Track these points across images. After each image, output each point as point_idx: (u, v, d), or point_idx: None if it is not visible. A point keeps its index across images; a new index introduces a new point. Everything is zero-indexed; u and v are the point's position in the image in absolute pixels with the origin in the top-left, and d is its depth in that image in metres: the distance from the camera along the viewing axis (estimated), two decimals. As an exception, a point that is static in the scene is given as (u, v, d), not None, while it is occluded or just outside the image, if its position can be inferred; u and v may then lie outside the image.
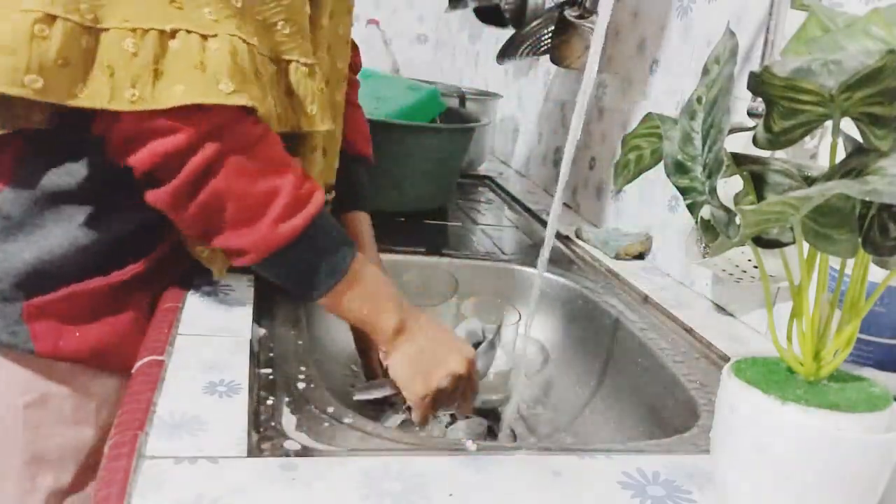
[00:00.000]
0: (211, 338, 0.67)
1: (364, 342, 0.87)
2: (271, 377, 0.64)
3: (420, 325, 0.72)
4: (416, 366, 0.71)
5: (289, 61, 0.69)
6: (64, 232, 0.69)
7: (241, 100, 0.61)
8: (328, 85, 0.80)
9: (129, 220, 0.71)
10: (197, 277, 0.79)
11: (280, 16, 0.66)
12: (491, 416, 0.87)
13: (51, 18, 0.57)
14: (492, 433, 0.85)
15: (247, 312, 0.73)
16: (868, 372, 0.66)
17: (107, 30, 0.59)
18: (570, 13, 1.26)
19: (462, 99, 1.60)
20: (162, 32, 0.59)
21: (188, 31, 0.59)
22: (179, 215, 0.65)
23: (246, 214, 0.64)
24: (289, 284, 0.70)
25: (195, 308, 0.72)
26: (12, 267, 0.68)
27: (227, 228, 0.64)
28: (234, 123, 0.62)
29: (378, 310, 0.71)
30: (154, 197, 0.64)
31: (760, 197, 0.47)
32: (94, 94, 0.59)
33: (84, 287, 0.70)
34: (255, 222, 0.64)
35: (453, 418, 0.85)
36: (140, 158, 0.61)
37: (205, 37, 0.60)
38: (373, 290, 0.71)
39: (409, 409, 0.74)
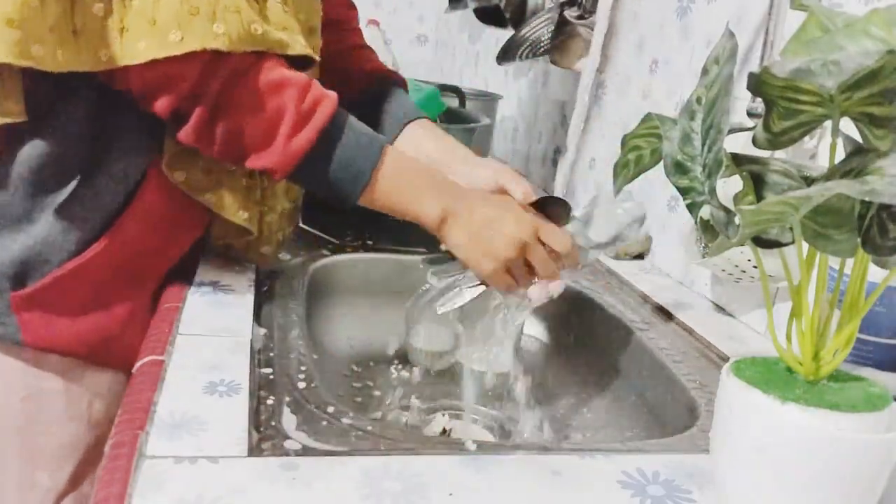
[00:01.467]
0: (211, 338, 0.67)
1: None
2: (271, 377, 0.64)
3: (467, 204, 0.73)
4: (474, 245, 0.72)
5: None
6: (46, 216, 0.69)
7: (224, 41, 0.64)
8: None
9: (104, 193, 0.71)
10: (197, 277, 0.79)
11: None
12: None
13: None
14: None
15: (247, 312, 0.73)
16: (867, 372, 0.66)
17: None
18: (569, 13, 1.26)
19: (462, 99, 1.60)
20: None
21: None
22: (209, 149, 0.69)
23: (261, 137, 0.67)
24: (324, 194, 0.72)
25: (195, 308, 0.72)
26: (3, 257, 0.68)
27: (251, 152, 0.68)
28: (227, 59, 0.65)
29: (417, 201, 0.72)
30: (183, 135, 0.68)
31: (760, 197, 0.47)
32: (123, 53, 0.63)
33: (69, 269, 0.70)
34: (270, 143, 0.68)
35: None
36: (161, 105, 0.66)
37: None
38: (407, 183, 0.73)
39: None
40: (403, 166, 0.73)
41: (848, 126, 0.43)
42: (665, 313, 0.92)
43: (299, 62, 0.71)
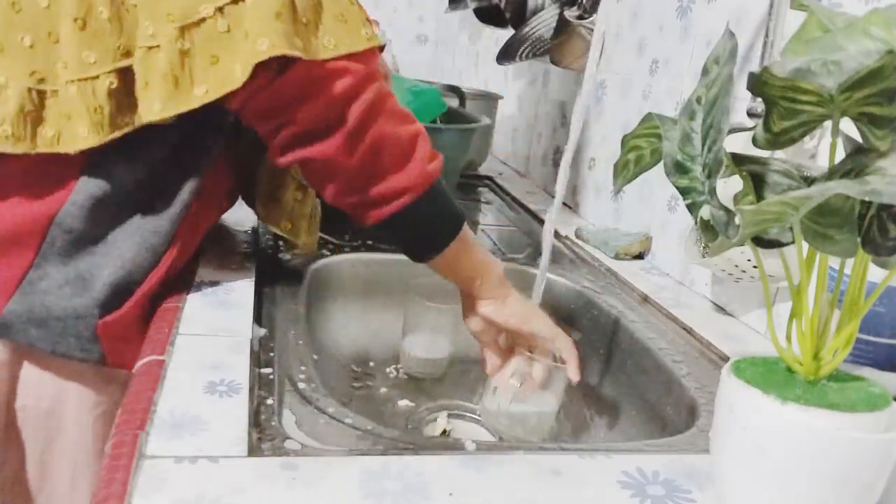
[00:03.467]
0: (211, 338, 0.67)
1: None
2: (271, 377, 0.64)
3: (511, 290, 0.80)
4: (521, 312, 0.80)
5: None
6: (130, 237, 0.69)
7: (377, 41, 0.66)
8: None
9: (174, 206, 0.72)
10: (197, 277, 0.79)
11: None
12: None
13: None
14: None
15: (247, 312, 0.73)
16: (867, 372, 0.66)
17: None
18: (570, 13, 1.26)
19: (462, 99, 1.60)
20: None
21: None
22: (346, 162, 0.66)
23: (401, 155, 0.68)
24: (408, 244, 0.76)
25: (195, 308, 0.72)
26: (93, 285, 0.68)
27: (389, 170, 0.68)
28: (376, 69, 0.67)
29: (486, 261, 0.78)
30: (323, 147, 0.65)
31: (760, 197, 0.47)
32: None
33: (147, 287, 0.70)
34: (408, 162, 0.68)
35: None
36: (311, 108, 0.64)
37: None
38: (478, 247, 0.78)
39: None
40: (473, 238, 0.78)
41: (848, 126, 0.43)
42: (665, 313, 0.92)
43: None
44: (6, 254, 0.66)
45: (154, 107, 0.62)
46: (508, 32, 1.50)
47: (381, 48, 0.71)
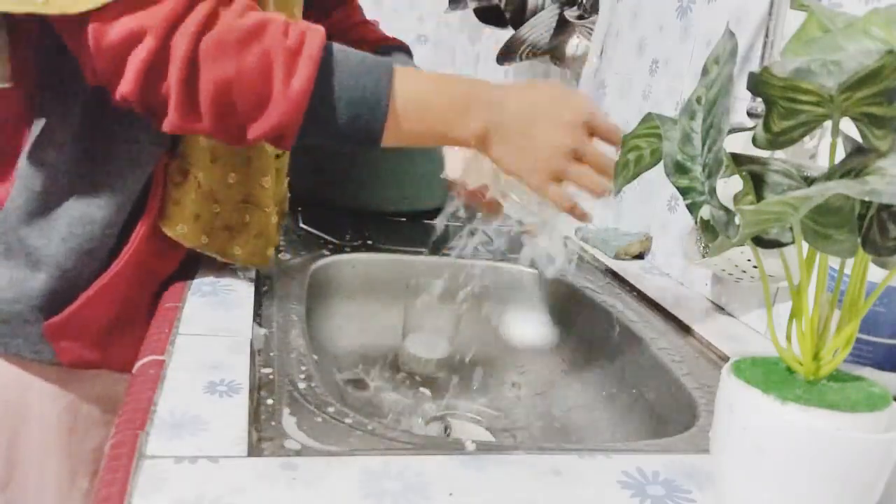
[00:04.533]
0: (211, 338, 0.67)
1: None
2: (271, 377, 0.64)
3: (507, 109, 0.64)
4: (521, 159, 0.64)
5: None
6: (65, 243, 0.68)
7: None
8: None
9: (110, 203, 0.69)
10: (197, 277, 0.79)
11: None
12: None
13: None
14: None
15: (247, 312, 0.73)
16: (867, 372, 0.66)
17: None
18: (569, 13, 1.26)
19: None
20: None
21: None
22: (200, 128, 0.60)
23: (255, 93, 0.58)
24: (343, 140, 0.63)
25: (195, 308, 0.72)
26: (27, 292, 0.68)
27: (251, 117, 0.59)
28: (187, 8, 0.56)
29: (452, 121, 0.63)
30: (168, 125, 0.59)
31: (760, 197, 0.47)
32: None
33: (95, 290, 0.70)
34: (268, 96, 0.58)
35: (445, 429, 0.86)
36: (127, 84, 0.57)
37: None
38: (434, 100, 0.64)
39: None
40: (422, 83, 0.63)
41: (848, 126, 0.43)
42: (665, 313, 0.92)
43: None
44: None
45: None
46: (508, 32, 1.50)
47: None
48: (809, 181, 0.46)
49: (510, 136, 0.64)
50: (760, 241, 0.49)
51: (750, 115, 0.81)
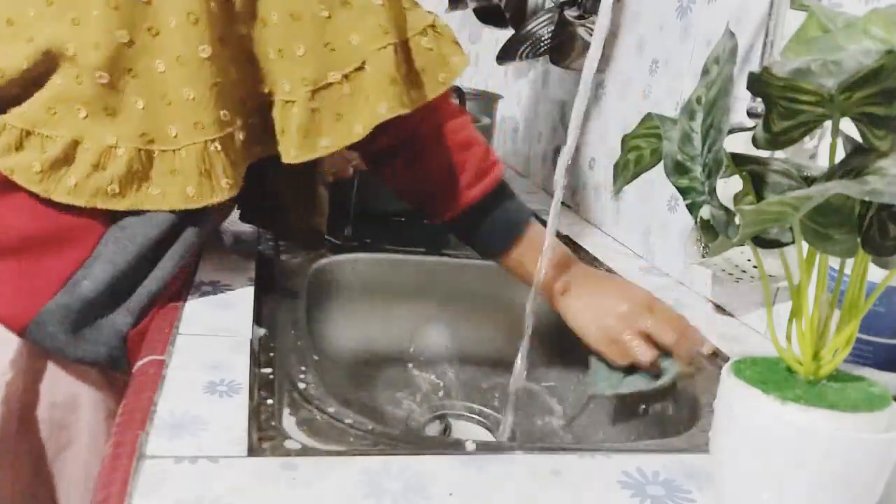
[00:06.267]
0: (211, 338, 0.67)
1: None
2: (271, 377, 0.64)
3: (584, 280, 0.81)
4: (590, 318, 0.79)
5: None
6: (167, 247, 0.70)
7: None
8: None
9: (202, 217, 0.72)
10: (197, 277, 0.79)
11: None
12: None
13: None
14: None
15: (247, 312, 0.73)
16: (868, 372, 0.66)
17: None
18: (570, 13, 1.26)
19: (462, 99, 1.60)
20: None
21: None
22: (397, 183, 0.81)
23: (444, 182, 0.77)
24: (476, 245, 0.83)
25: (195, 308, 0.72)
26: (132, 292, 0.69)
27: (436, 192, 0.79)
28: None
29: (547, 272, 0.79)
30: (388, 172, 0.80)
31: (760, 197, 0.47)
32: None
33: (166, 296, 0.71)
34: (454, 187, 0.78)
35: (445, 428, 0.86)
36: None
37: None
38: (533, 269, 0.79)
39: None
40: (531, 257, 0.79)
41: (848, 126, 0.43)
42: (665, 313, 0.91)
43: None
44: (57, 250, 0.66)
45: (291, 152, 0.69)
46: (508, 32, 1.50)
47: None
48: (809, 181, 0.46)
49: (581, 300, 0.81)
50: (760, 241, 0.49)
51: (750, 115, 0.81)
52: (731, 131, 0.46)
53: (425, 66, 0.73)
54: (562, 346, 0.99)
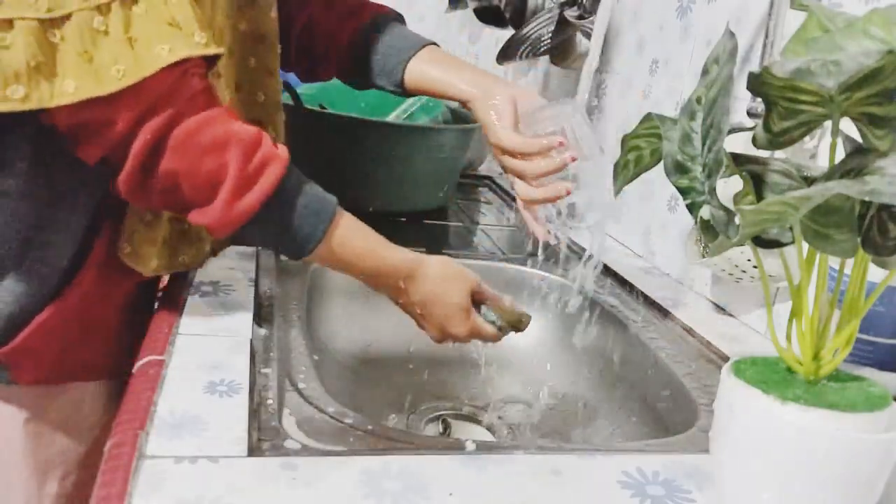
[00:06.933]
0: (211, 338, 0.67)
1: None
2: (271, 377, 0.64)
3: (409, 294, 0.75)
4: (426, 312, 0.76)
5: None
6: (18, 267, 0.66)
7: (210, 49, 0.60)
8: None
9: (66, 231, 0.69)
10: (197, 277, 0.79)
11: None
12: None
13: (6, 23, 0.54)
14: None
15: (247, 312, 0.73)
16: (868, 372, 0.66)
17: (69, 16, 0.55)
18: (569, 13, 1.26)
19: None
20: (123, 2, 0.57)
21: None
22: (143, 200, 0.64)
23: (200, 194, 0.62)
24: (272, 249, 0.78)
25: (195, 308, 0.72)
26: None
27: (190, 207, 0.63)
28: (177, 90, 0.59)
29: (381, 255, 0.73)
30: (117, 186, 0.62)
31: (760, 197, 0.47)
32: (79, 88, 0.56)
33: (48, 315, 0.68)
34: (210, 202, 0.62)
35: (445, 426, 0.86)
36: (88, 153, 0.60)
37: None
38: (352, 267, 0.72)
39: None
40: (347, 249, 0.70)
41: (848, 126, 0.43)
42: (665, 313, 0.92)
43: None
44: None
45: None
46: (508, 32, 1.50)
47: (210, 58, 0.62)
48: (809, 181, 0.46)
49: (413, 314, 0.78)
50: (760, 241, 0.49)
51: (750, 115, 0.81)
52: (731, 131, 0.46)
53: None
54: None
